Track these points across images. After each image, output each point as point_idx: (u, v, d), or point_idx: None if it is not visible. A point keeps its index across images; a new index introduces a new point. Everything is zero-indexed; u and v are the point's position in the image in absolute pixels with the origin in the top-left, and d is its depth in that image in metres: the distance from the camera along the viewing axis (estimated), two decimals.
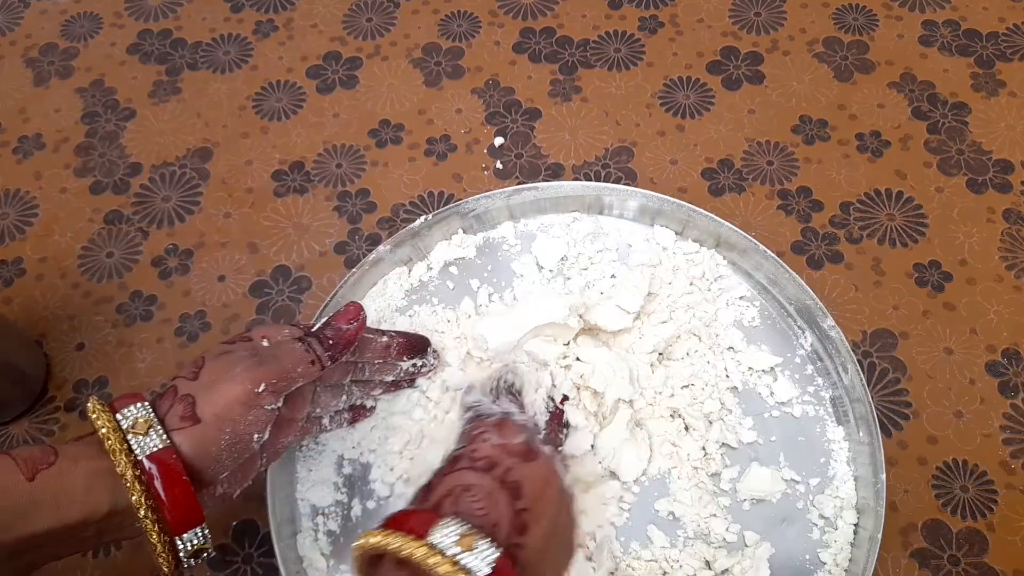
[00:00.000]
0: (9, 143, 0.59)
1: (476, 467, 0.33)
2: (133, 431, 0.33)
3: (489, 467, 0.33)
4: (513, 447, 0.35)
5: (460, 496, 0.32)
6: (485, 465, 0.33)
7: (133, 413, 0.33)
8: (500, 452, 0.34)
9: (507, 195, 0.51)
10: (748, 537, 0.43)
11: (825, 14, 0.64)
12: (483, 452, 0.34)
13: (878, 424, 0.44)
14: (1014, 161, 0.56)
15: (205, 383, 0.35)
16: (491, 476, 0.33)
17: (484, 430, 0.36)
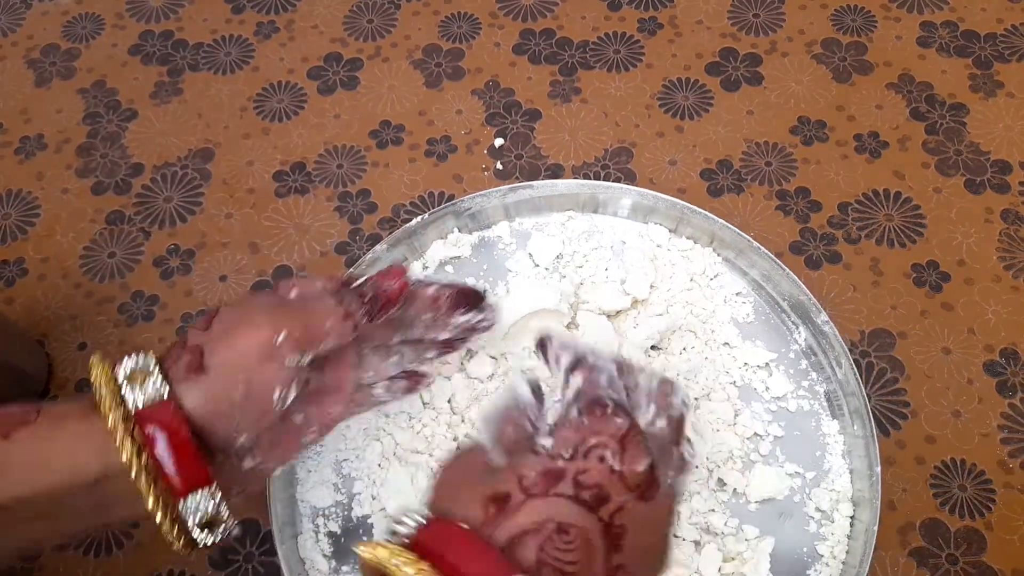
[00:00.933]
0: (11, 144, 0.59)
1: (581, 499, 0.24)
2: (129, 380, 0.28)
3: (598, 503, 0.25)
4: (634, 478, 0.25)
5: (551, 539, 0.23)
6: (593, 500, 0.24)
7: (132, 363, 0.29)
8: (615, 482, 0.25)
9: (502, 194, 0.51)
10: (747, 531, 0.43)
11: (823, 15, 0.64)
12: (594, 479, 0.25)
13: (872, 417, 0.44)
14: (1012, 162, 0.57)
15: (217, 332, 0.30)
16: (597, 516, 0.24)
17: (602, 443, 0.26)
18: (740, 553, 0.42)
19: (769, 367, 0.48)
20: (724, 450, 0.45)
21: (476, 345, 0.45)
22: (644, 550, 0.25)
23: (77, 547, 0.44)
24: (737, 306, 0.50)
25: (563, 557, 0.23)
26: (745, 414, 0.46)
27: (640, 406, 0.28)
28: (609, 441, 0.26)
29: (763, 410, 0.46)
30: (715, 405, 0.46)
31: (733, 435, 0.45)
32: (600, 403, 0.27)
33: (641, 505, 0.25)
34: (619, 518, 0.24)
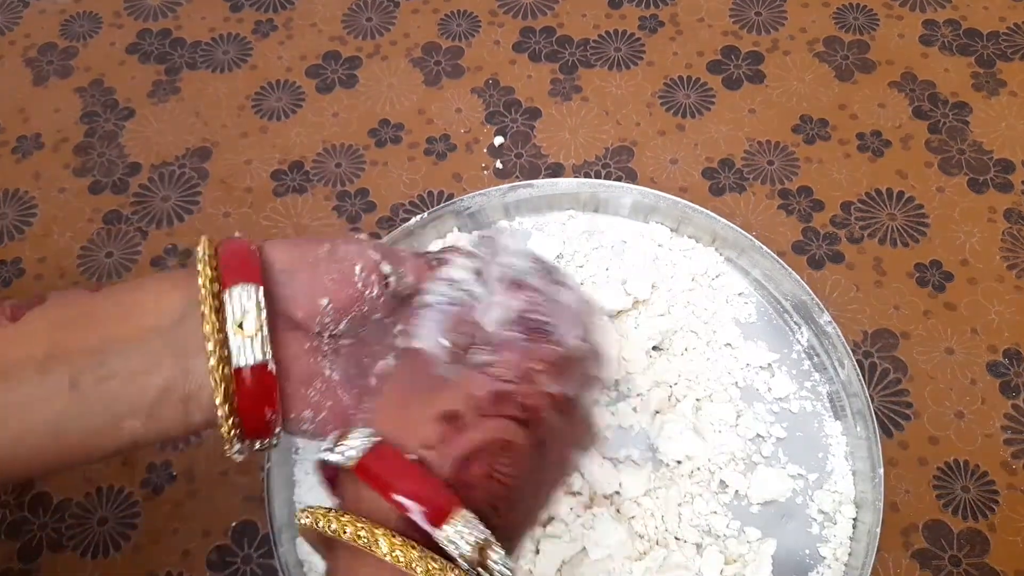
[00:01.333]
0: (8, 143, 0.59)
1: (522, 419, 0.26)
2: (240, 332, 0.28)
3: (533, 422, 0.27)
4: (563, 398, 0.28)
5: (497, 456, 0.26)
6: (530, 420, 0.27)
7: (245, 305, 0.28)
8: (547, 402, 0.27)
9: (502, 193, 0.51)
10: (749, 533, 0.43)
11: (826, 14, 0.64)
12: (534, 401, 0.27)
13: (875, 419, 0.44)
14: (1015, 161, 0.56)
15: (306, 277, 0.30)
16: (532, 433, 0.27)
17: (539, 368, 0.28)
18: (742, 555, 0.42)
19: (771, 368, 0.47)
20: (726, 452, 0.44)
21: None
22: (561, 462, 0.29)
23: (75, 548, 0.44)
24: (739, 306, 0.49)
25: (504, 471, 0.26)
26: (747, 415, 0.46)
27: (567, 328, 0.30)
28: (549, 368, 0.28)
29: (765, 411, 0.46)
30: (717, 406, 0.46)
31: (735, 436, 0.45)
32: (541, 330, 0.29)
33: (561, 421, 0.28)
34: (543, 430, 0.27)
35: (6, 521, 0.45)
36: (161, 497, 0.46)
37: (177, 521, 0.45)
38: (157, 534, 0.45)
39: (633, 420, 0.45)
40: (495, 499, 0.26)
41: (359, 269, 0.30)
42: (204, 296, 0.28)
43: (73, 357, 0.27)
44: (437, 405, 0.27)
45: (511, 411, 0.27)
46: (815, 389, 0.47)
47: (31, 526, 0.45)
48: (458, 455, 0.26)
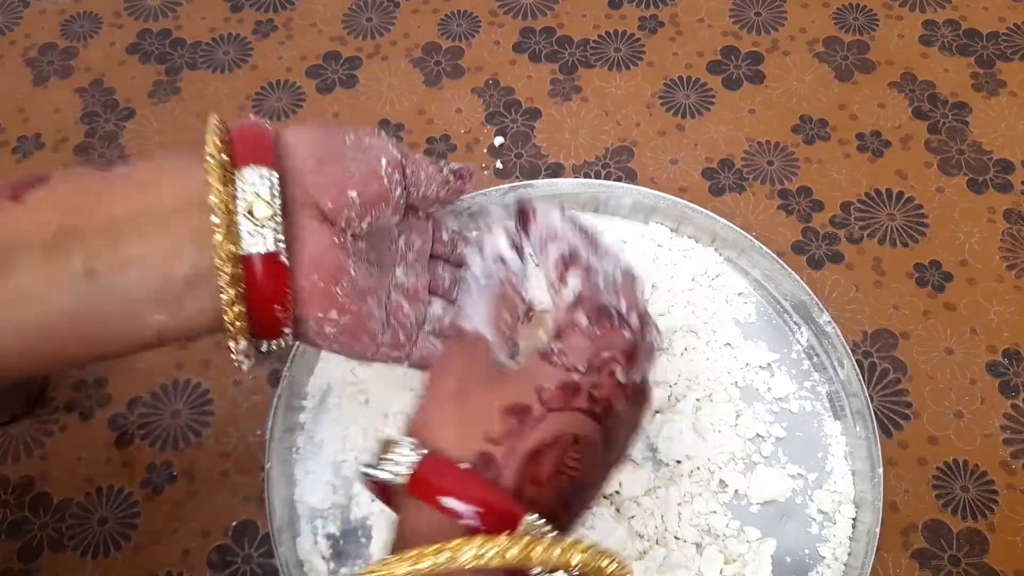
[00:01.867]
0: (8, 143, 0.59)
1: (594, 412, 0.25)
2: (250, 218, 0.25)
3: (605, 413, 0.25)
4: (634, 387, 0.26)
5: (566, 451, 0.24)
6: (603, 411, 0.25)
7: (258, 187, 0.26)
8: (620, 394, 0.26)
9: (502, 193, 0.51)
10: (749, 533, 0.43)
11: (825, 14, 0.64)
12: (605, 392, 0.26)
13: (875, 419, 0.44)
14: (1015, 161, 0.56)
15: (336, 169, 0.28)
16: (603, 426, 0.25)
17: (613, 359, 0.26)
18: (742, 555, 0.42)
19: (771, 368, 0.47)
20: (726, 451, 0.45)
21: None
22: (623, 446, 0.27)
23: (75, 548, 0.44)
24: (739, 306, 0.49)
25: (574, 466, 0.24)
26: (747, 415, 0.46)
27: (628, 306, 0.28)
28: (619, 356, 0.26)
29: (765, 411, 0.46)
30: (717, 406, 0.46)
31: (735, 436, 0.45)
32: (608, 314, 0.27)
33: (630, 408, 0.27)
34: (613, 421, 0.26)
35: (6, 521, 0.45)
36: (161, 497, 0.46)
37: (177, 521, 0.45)
38: (157, 534, 0.45)
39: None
40: (563, 495, 0.24)
41: (385, 164, 0.28)
42: (212, 168, 0.25)
43: (87, 239, 0.24)
44: (503, 397, 0.25)
45: (583, 404, 0.25)
46: (815, 389, 0.47)
47: (31, 526, 0.45)
48: (527, 450, 0.24)
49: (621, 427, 0.26)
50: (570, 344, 0.27)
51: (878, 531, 0.41)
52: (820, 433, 0.46)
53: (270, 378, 0.49)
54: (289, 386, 0.45)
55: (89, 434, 0.48)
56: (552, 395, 0.25)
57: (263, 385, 0.49)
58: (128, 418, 0.48)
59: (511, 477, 0.24)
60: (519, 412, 0.25)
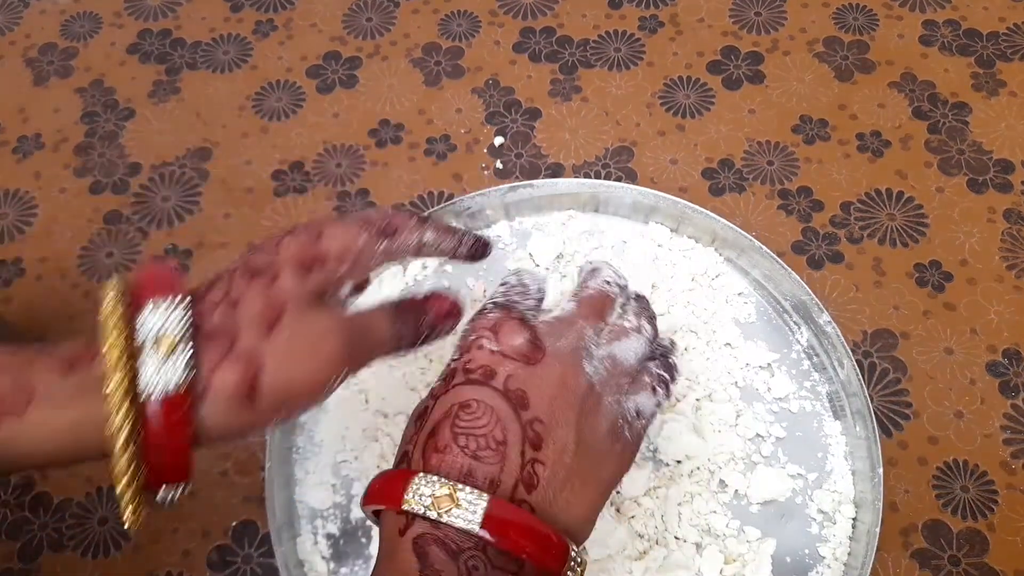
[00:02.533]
0: (8, 143, 0.59)
1: (471, 380, 0.29)
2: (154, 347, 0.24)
3: (487, 377, 0.29)
4: (512, 349, 0.30)
5: (458, 415, 0.28)
6: (482, 376, 0.29)
7: (159, 321, 0.25)
8: (498, 359, 0.29)
9: (502, 193, 0.51)
10: (749, 533, 0.43)
11: (825, 14, 0.64)
12: (478, 362, 0.29)
13: (874, 419, 0.44)
14: (1015, 161, 0.56)
15: (281, 348, 0.27)
16: (490, 387, 0.28)
17: (478, 336, 0.30)
18: (741, 555, 0.42)
19: (771, 367, 0.47)
20: (726, 451, 0.45)
21: None
22: (552, 400, 0.29)
23: (75, 548, 0.44)
24: (739, 306, 0.49)
25: (473, 424, 0.27)
26: (747, 415, 0.46)
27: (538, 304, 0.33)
28: (483, 332, 0.30)
29: (765, 411, 0.46)
30: (717, 406, 0.46)
31: (735, 436, 0.45)
32: (481, 310, 0.32)
33: (533, 369, 0.29)
34: (512, 383, 0.28)
35: (7, 521, 0.45)
36: None
37: (177, 521, 0.45)
38: (157, 534, 0.45)
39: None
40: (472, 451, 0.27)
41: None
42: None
43: None
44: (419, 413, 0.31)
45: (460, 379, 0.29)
46: (815, 389, 0.47)
47: (31, 526, 0.45)
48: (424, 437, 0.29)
49: (526, 385, 0.29)
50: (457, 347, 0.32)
51: (878, 531, 0.41)
52: (820, 433, 0.46)
53: None
54: None
55: None
56: (438, 388, 0.30)
57: None
58: None
59: (418, 457, 0.28)
60: (421, 414, 0.30)
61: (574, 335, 0.31)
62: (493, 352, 0.30)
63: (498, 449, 0.27)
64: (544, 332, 0.31)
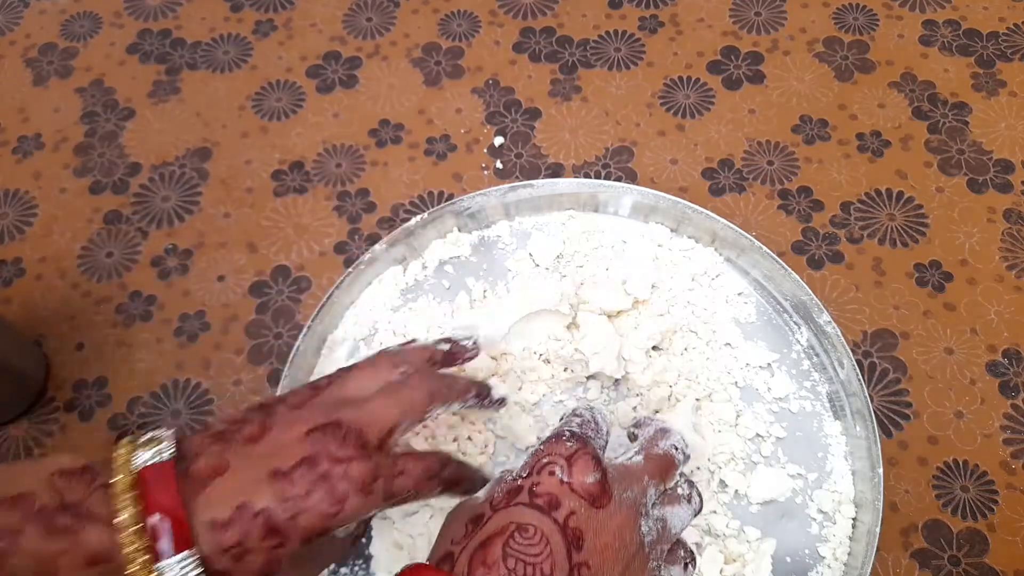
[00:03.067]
0: (8, 143, 0.59)
1: (535, 504, 0.29)
2: None
3: (551, 507, 0.29)
4: (582, 487, 0.30)
5: (513, 536, 0.28)
6: (546, 504, 0.29)
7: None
8: (566, 491, 0.30)
9: (502, 193, 0.51)
10: (749, 533, 0.43)
11: (825, 14, 0.64)
12: (546, 488, 0.30)
13: (875, 419, 0.44)
14: (1015, 161, 0.56)
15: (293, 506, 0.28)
16: (551, 518, 0.29)
17: (552, 462, 0.31)
18: (742, 555, 0.42)
19: (771, 367, 0.47)
20: (726, 451, 0.45)
21: None
22: (607, 548, 0.29)
23: None
24: (739, 306, 0.49)
25: (525, 550, 0.28)
26: (747, 415, 0.46)
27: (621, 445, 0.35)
28: (557, 459, 0.31)
29: (765, 411, 0.46)
30: (717, 406, 0.46)
31: (735, 436, 0.45)
32: (559, 434, 0.33)
33: (595, 511, 0.30)
34: (573, 521, 0.29)
35: None
36: None
37: None
38: None
39: (633, 419, 0.45)
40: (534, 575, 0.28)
41: None
42: None
43: None
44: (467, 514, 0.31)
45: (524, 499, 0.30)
46: (814, 389, 0.47)
47: None
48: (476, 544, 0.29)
49: (586, 527, 0.29)
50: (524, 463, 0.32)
51: (878, 531, 0.41)
52: (820, 433, 0.46)
53: (270, 378, 0.49)
54: (289, 386, 0.45)
55: (89, 434, 0.48)
56: (499, 499, 0.30)
57: (263, 385, 0.49)
58: (128, 418, 0.48)
59: (463, 563, 0.28)
60: (476, 519, 0.30)
61: (639, 490, 0.32)
62: (563, 483, 0.30)
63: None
64: (613, 478, 0.31)
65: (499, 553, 0.28)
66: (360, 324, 0.49)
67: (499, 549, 0.28)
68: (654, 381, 0.46)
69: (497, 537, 0.28)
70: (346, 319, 0.49)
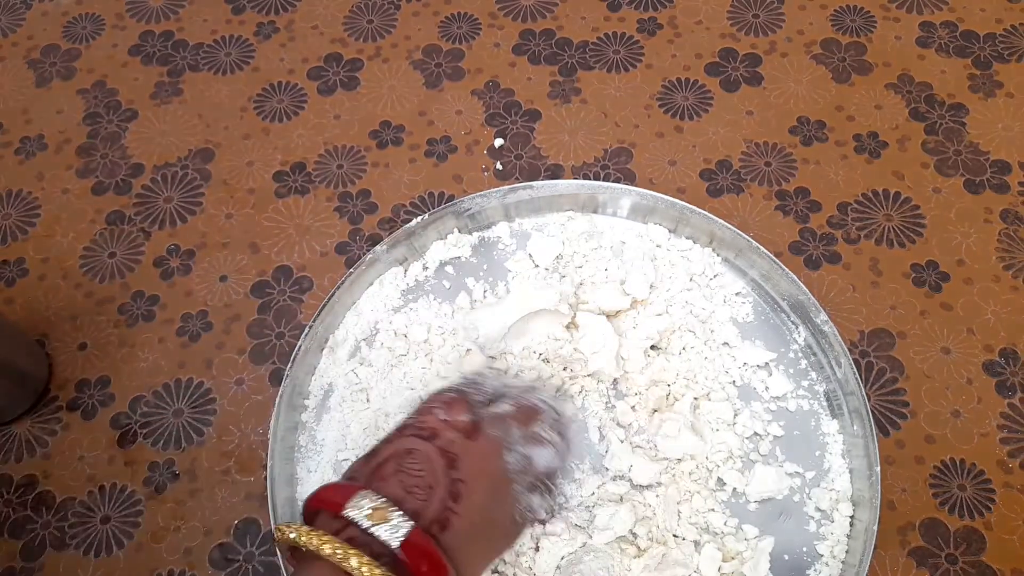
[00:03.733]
0: (11, 144, 0.59)
1: (420, 435, 0.35)
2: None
3: (432, 436, 0.35)
4: (458, 423, 0.36)
5: (403, 458, 0.34)
6: (428, 434, 0.35)
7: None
8: (445, 426, 0.36)
9: (502, 194, 0.51)
10: (747, 531, 0.43)
11: (823, 16, 0.64)
12: (429, 423, 0.36)
13: (872, 417, 0.44)
14: (1011, 162, 0.57)
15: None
16: (433, 444, 0.34)
17: (434, 405, 0.37)
18: (740, 553, 0.42)
19: (769, 367, 0.48)
20: (724, 450, 0.45)
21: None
22: (479, 470, 0.35)
23: (78, 547, 0.45)
24: (737, 306, 0.50)
25: (412, 468, 0.33)
26: (745, 414, 0.46)
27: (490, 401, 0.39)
28: (438, 403, 0.37)
29: (763, 410, 0.46)
30: (715, 405, 0.46)
31: (733, 435, 0.45)
32: (443, 390, 0.39)
33: (470, 442, 0.35)
34: (451, 447, 0.35)
35: (9, 520, 0.45)
36: (164, 495, 0.46)
37: (179, 519, 0.45)
38: (160, 532, 0.45)
39: (632, 418, 0.46)
40: (407, 486, 0.33)
41: None
42: None
43: None
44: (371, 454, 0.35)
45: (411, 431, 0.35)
46: (812, 388, 0.47)
47: (34, 525, 0.45)
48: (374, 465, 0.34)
49: (461, 452, 0.34)
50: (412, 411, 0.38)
51: (876, 529, 0.41)
52: (818, 432, 0.46)
53: (272, 377, 0.49)
54: (291, 385, 0.46)
55: (92, 433, 0.48)
56: (391, 435, 0.36)
57: (265, 384, 0.49)
58: (131, 417, 0.48)
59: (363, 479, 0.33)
60: (372, 453, 0.35)
61: (504, 429, 0.38)
62: (442, 420, 0.36)
63: (426, 491, 0.33)
64: (483, 419, 0.37)
65: (391, 469, 0.33)
66: (361, 324, 0.49)
67: (391, 466, 0.33)
68: (652, 380, 0.46)
69: (390, 459, 0.34)
70: (347, 319, 0.49)
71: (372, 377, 0.47)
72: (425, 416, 0.36)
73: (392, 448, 0.34)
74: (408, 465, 0.33)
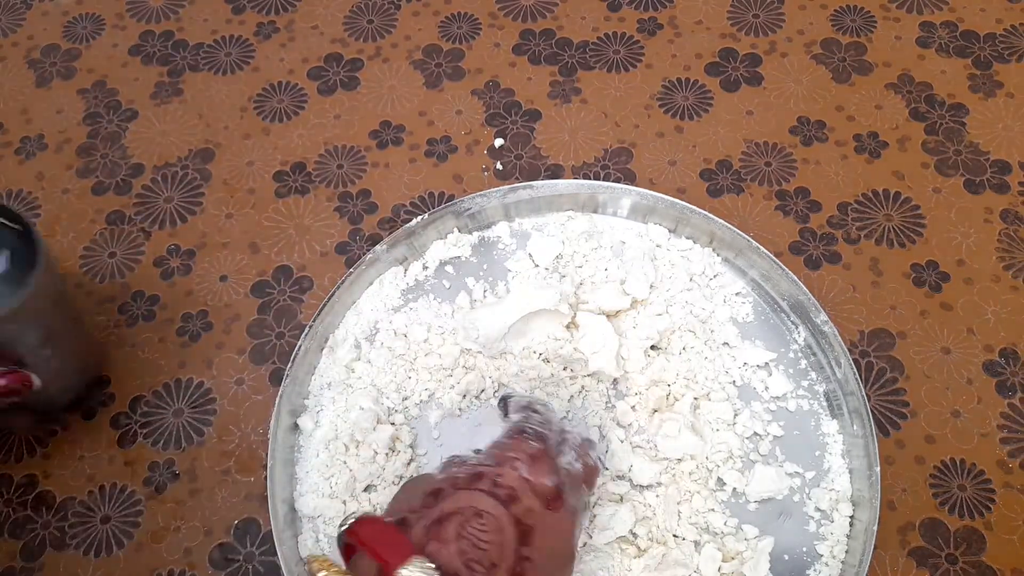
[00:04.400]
0: (11, 144, 0.59)
1: (496, 494, 0.31)
2: None
3: (510, 500, 0.31)
4: (541, 488, 0.32)
5: (470, 520, 0.30)
6: (506, 496, 0.31)
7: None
8: (526, 488, 0.32)
9: (502, 194, 0.52)
10: (747, 531, 0.43)
11: (823, 16, 0.64)
12: (509, 481, 0.32)
13: (872, 417, 0.44)
14: (1011, 161, 0.57)
15: None
16: (509, 511, 0.31)
17: (517, 457, 0.33)
18: (740, 553, 0.42)
19: (768, 367, 0.48)
20: (724, 450, 0.45)
21: None
22: (551, 550, 0.31)
23: (78, 547, 0.45)
24: (736, 306, 0.50)
25: (479, 536, 0.30)
26: (744, 414, 0.46)
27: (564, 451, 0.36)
28: (521, 455, 0.33)
29: (762, 410, 0.46)
30: (714, 405, 0.46)
31: (732, 435, 0.45)
32: (522, 431, 0.35)
33: (548, 513, 0.32)
34: (528, 518, 0.31)
35: (9, 520, 0.45)
36: (164, 495, 0.46)
37: (179, 519, 0.45)
38: (160, 532, 0.45)
39: (632, 418, 0.46)
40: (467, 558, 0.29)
41: None
42: None
43: None
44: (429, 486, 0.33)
45: (485, 486, 0.31)
46: (812, 388, 0.47)
47: (34, 525, 0.45)
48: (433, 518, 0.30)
49: (538, 524, 0.31)
50: (488, 451, 0.34)
51: (876, 529, 0.41)
52: (817, 432, 0.46)
53: (272, 377, 0.49)
54: (291, 385, 0.46)
55: (92, 433, 0.48)
56: (462, 480, 0.32)
57: (265, 384, 0.49)
58: (131, 417, 0.48)
59: (420, 532, 0.30)
60: (435, 493, 0.32)
61: (579, 498, 0.34)
62: (523, 479, 0.32)
63: (489, 568, 0.29)
64: (565, 484, 0.33)
65: (454, 532, 0.30)
66: (361, 324, 0.49)
67: (454, 528, 0.30)
68: (652, 380, 0.47)
69: (455, 516, 0.30)
70: (347, 319, 0.49)
71: (372, 377, 0.47)
72: (504, 469, 0.32)
73: (459, 501, 0.31)
74: (474, 531, 0.30)
